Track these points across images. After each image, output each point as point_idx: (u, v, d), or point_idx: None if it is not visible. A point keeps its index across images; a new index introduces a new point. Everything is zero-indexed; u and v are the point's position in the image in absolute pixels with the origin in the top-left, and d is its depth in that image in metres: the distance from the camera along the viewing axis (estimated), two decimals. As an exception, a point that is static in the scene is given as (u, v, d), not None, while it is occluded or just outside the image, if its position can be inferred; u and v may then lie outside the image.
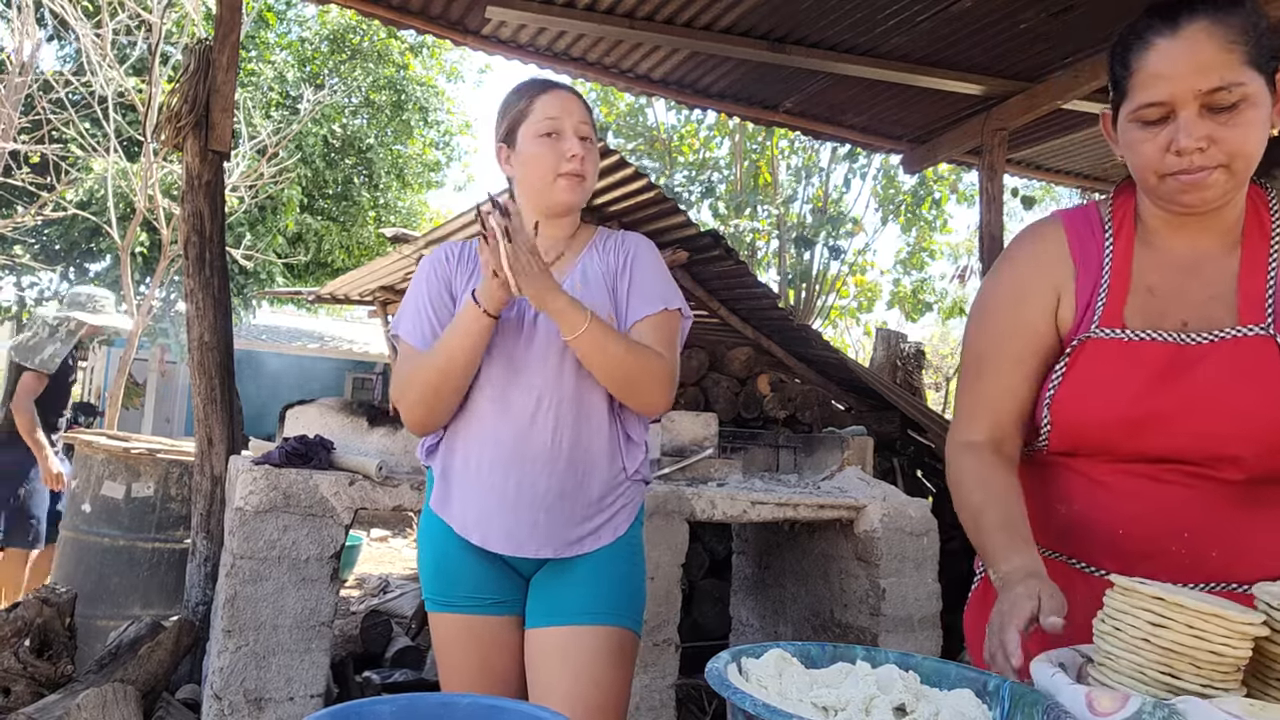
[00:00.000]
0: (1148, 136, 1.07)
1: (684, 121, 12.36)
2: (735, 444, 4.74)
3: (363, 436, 2.94)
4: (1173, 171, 1.05)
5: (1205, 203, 1.07)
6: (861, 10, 3.83)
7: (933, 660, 0.97)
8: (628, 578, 1.61)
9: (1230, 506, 1.10)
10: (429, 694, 0.92)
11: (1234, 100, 1.01)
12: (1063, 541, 1.19)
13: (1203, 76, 1.01)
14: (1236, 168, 1.04)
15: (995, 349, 1.21)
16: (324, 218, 13.08)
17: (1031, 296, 1.19)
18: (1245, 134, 1.02)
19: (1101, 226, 1.19)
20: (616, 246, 1.69)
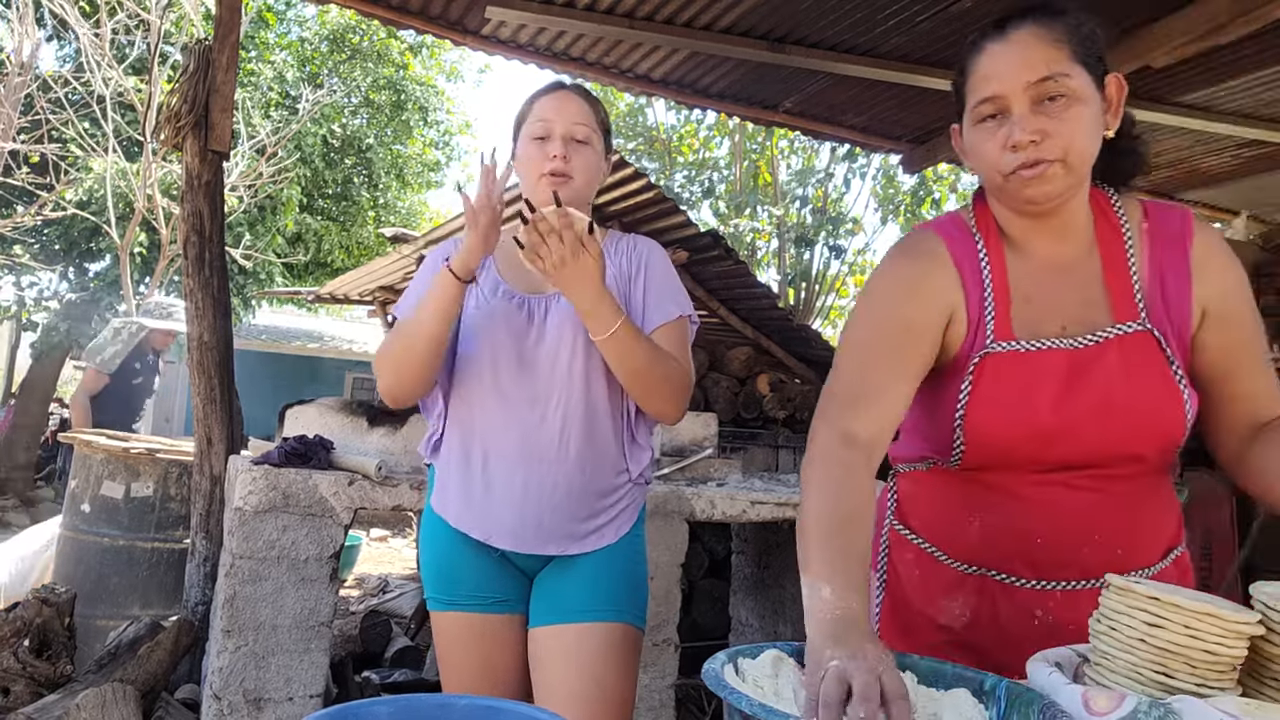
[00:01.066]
0: (987, 136, 1.12)
1: (684, 121, 12.36)
2: (735, 444, 4.74)
3: (362, 436, 2.94)
4: (1014, 168, 1.09)
5: (1048, 197, 1.11)
6: (861, 10, 3.83)
7: (930, 660, 0.97)
8: (630, 575, 1.61)
9: (1131, 503, 1.16)
10: (427, 694, 0.92)
11: (1062, 91, 1.07)
12: (980, 555, 1.19)
13: (1030, 69, 1.07)
14: (1072, 162, 1.08)
15: (878, 356, 1.17)
16: (324, 218, 13.07)
17: (926, 314, 1.17)
18: (1075, 127, 1.07)
19: (972, 237, 1.21)
20: (629, 250, 1.68)
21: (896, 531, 1.31)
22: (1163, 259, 1.16)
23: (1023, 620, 1.16)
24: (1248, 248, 3.97)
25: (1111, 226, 1.19)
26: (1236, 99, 4.50)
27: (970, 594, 1.19)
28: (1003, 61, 1.10)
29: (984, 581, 1.19)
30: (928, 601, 1.23)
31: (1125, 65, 3.83)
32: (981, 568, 1.19)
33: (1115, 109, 1.15)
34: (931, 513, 1.26)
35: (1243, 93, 4.43)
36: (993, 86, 1.10)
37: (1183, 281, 1.15)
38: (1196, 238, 1.17)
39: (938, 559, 1.23)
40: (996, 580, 1.18)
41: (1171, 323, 1.15)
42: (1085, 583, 1.15)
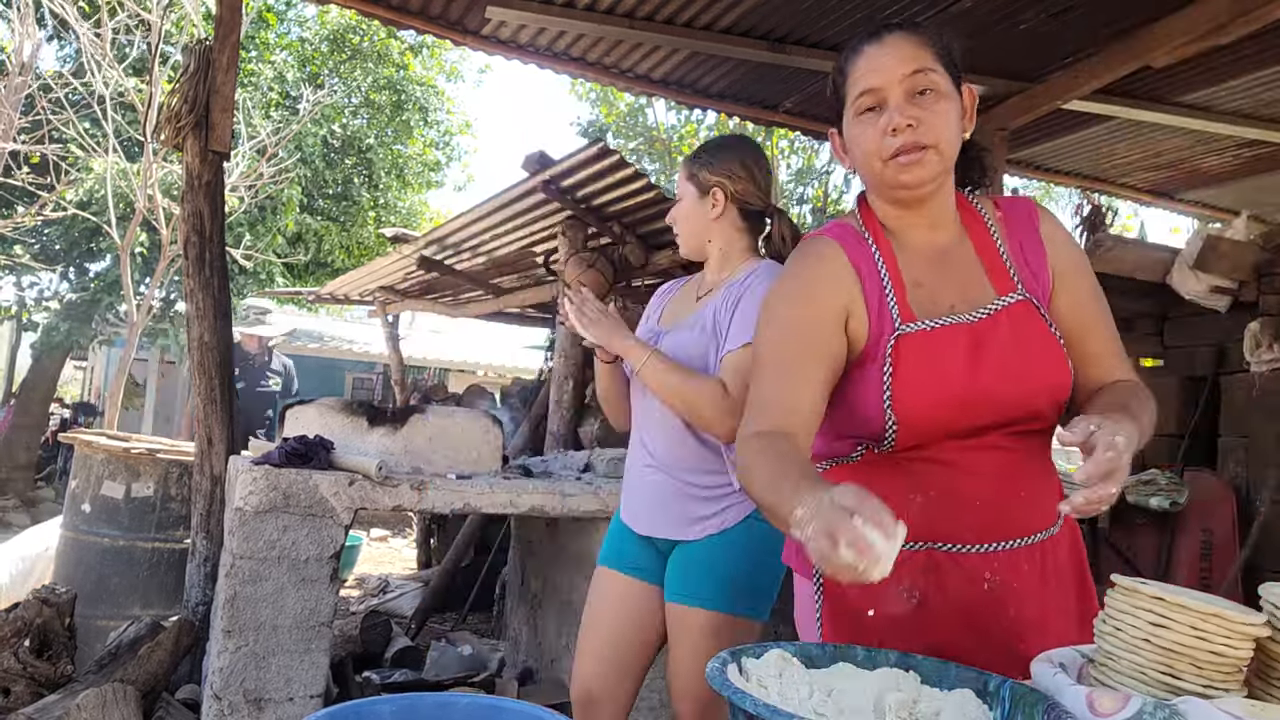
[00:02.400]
0: (867, 126, 1.24)
1: (684, 121, 12.37)
2: (735, 444, 4.73)
3: (362, 436, 2.93)
4: (892, 153, 1.22)
5: (921, 181, 1.23)
6: (861, 10, 3.83)
7: (933, 660, 0.97)
8: (729, 566, 1.82)
9: (1037, 461, 1.28)
10: (429, 694, 0.92)
11: (930, 85, 1.22)
12: (925, 530, 1.24)
13: (903, 64, 1.22)
14: (943, 149, 1.22)
15: (788, 364, 1.25)
16: (324, 218, 13.07)
17: (826, 310, 1.27)
18: (944, 119, 1.22)
19: (861, 236, 1.32)
20: (744, 278, 1.90)
21: None
22: (1020, 238, 1.32)
23: (974, 587, 1.22)
24: (1248, 248, 3.97)
25: (973, 216, 1.34)
26: (1236, 99, 4.50)
27: (916, 573, 1.24)
28: (879, 59, 1.24)
29: (931, 556, 1.24)
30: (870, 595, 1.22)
31: (1125, 65, 3.83)
32: (927, 542, 1.24)
33: (970, 115, 1.29)
34: None
35: (1243, 93, 4.43)
36: (871, 80, 1.24)
37: (1038, 253, 1.31)
38: (1043, 219, 1.34)
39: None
40: (944, 551, 1.24)
41: (1040, 289, 1.29)
42: (1020, 541, 1.24)
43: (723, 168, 1.93)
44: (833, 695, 0.90)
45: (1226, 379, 4.09)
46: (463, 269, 6.15)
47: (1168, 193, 6.12)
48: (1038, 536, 1.25)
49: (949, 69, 1.25)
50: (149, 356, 14.76)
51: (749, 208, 1.96)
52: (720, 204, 1.94)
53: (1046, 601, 1.25)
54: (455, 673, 3.54)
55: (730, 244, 1.97)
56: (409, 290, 7.57)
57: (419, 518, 7.08)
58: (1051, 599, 1.26)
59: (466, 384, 9.63)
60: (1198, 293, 4.09)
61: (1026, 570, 1.24)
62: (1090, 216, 6.72)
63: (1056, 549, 1.28)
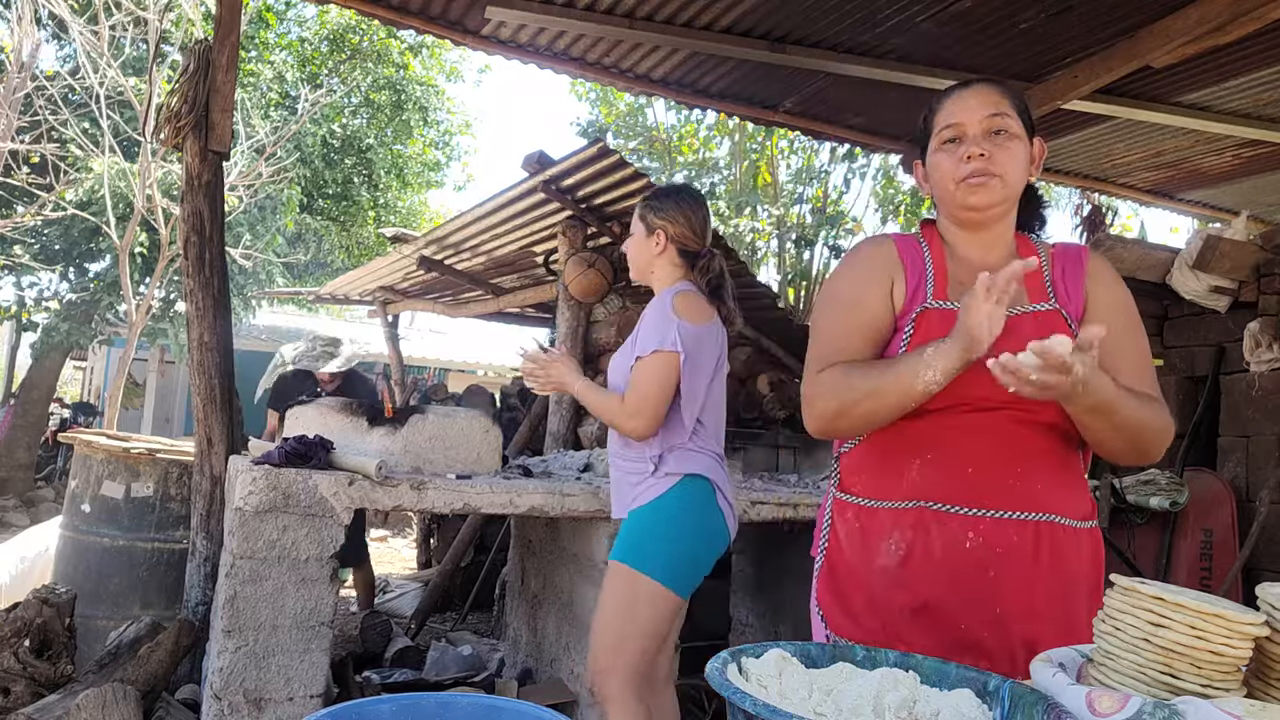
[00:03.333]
0: (947, 154, 1.45)
1: (684, 121, 12.35)
2: (735, 444, 4.74)
3: (362, 436, 2.93)
4: (965, 176, 1.41)
5: (988, 203, 1.42)
6: (861, 10, 3.83)
7: (933, 660, 0.97)
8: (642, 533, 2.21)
9: (1047, 456, 1.38)
10: (429, 694, 0.92)
11: (1006, 128, 1.42)
12: (919, 490, 1.39)
13: (985, 107, 1.43)
14: (1008, 180, 1.41)
15: (841, 323, 1.47)
16: (324, 218, 13.07)
17: (871, 282, 1.48)
18: (1013, 156, 1.42)
19: (919, 243, 1.53)
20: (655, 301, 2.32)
21: (839, 499, 1.53)
22: (1064, 266, 1.49)
23: (956, 546, 1.35)
24: (1248, 248, 3.97)
25: (1029, 247, 1.52)
26: (1236, 99, 4.50)
27: (906, 529, 1.39)
28: (965, 100, 1.45)
29: (921, 513, 1.38)
30: (866, 549, 1.44)
31: (1125, 65, 3.83)
32: (919, 500, 1.39)
33: (1038, 164, 1.49)
34: (874, 470, 1.48)
35: (1243, 93, 4.42)
36: (957, 116, 1.44)
37: (1078, 280, 1.47)
38: (1092, 258, 1.51)
39: (876, 508, 1.45)
40: (932, 510, 1.38)
41: (1073, 308, 1.44)
42: (1010, 514, 1.36)
43: (666, 214, 2.34)
44: (832, 695, 0.90)
45: (1226, 379, 4.09)
46: (463, 269, 6.15)
47: (1168, 193, 6.12)
48: (1036, 515, 1.35)
49: (1024, 119, 1.45)
50: (149, 356, 14.76)
51: (685, 248, 2.35)
52: (662, 243, 2.34)
53: (1036, 578, 1.34)
54: (455, 673, 3.54)
55: (666, 275, 2.36)
56: (409, 290, 7.56)
57: (419, 518, 7.08)
58: (1043, 578, 1.34)
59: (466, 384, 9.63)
60: (1198, 293, 4.09)
61: (1016, 541, 1.34)
62: (1090, 216, 6.72)
63: (1065, 540, 1.37)
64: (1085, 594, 1.38)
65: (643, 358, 2.20)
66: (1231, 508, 3.89)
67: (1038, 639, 1.31)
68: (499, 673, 3.59)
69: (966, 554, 1.34)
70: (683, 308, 2.23)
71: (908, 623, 1.37)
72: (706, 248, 2.37)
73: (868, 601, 1.42)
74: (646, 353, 2.20)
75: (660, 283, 2.37)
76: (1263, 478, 3.83)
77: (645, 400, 2.18)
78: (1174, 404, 4.26)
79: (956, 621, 1.34)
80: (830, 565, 1.51)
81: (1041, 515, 1.35)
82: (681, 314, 2.22)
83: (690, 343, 2.20)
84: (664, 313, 2.23)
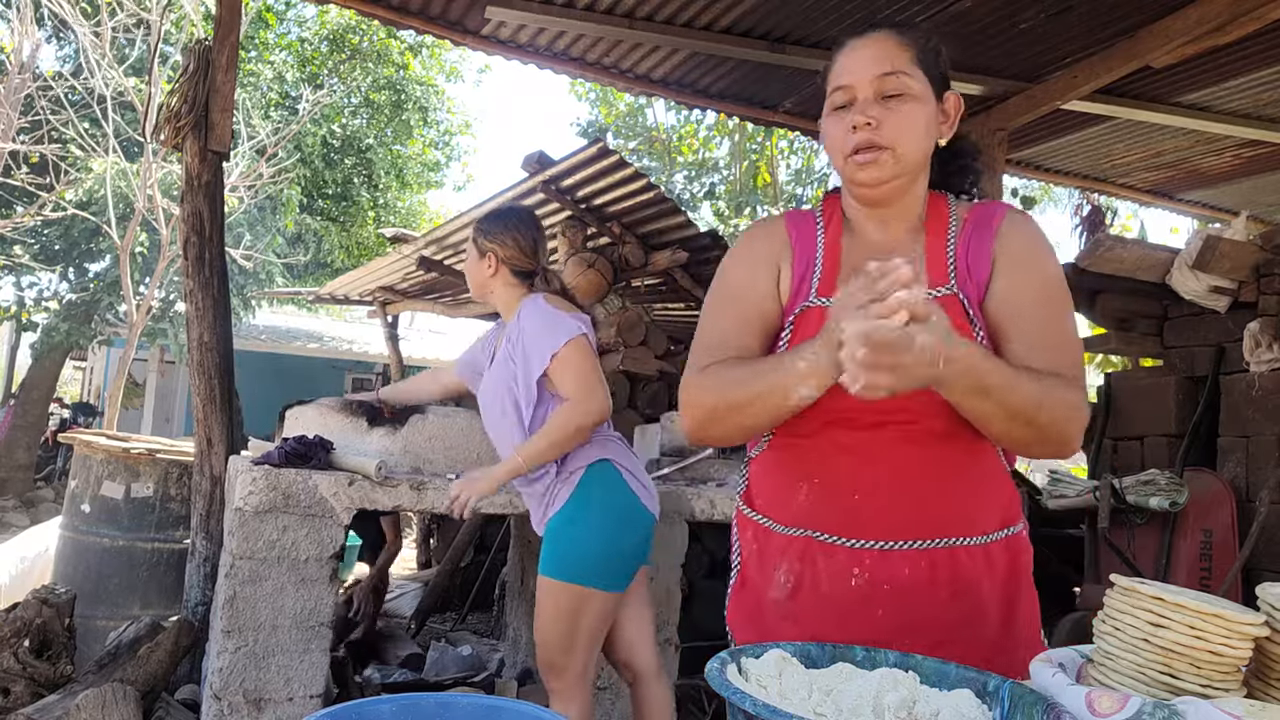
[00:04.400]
0: (836, 122, 1.25)
1: (684, 121, 12.37)
2: (735, 444, 4.72)
3: (362, 436, 2.93)
4: (852, 149, 1.22)
5: (876, 180, 1.23)
6: (861, 10, 3.83)
7: (933, 661, 0.97)
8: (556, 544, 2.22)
9: (945, 469, 1.22)
10: (429, 694, 0.92)
11: (901, 89, 1.21)
12: (805, 518, 1.26)
13: (877, 64, 1.23)
14: (901, 152, 1.21)
15: (724, 315, 1.32)
16: (324, 218, 13.07)
17: (757, 269, 1.32)
18: (908, 122, 1.21)
19: (815, 222, 1.35)
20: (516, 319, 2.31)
21: (741, 513, 1.40)
22: (973, 234, 1.28)
23: (841, 581, 1.22)
24: (1248, 248, 3.97)
25: (941, 216, 1.31)
26: (1236, 99, 4.50)
27: (794, 559, 1.26)
28: (856, 57, 1.25)
29: (808, 544, 1.25)
30: (762, 574, 1.31)
31: (1125, 65, 3.83)
32: (806, 529, 1.26)
33: (951, 122, 1.29)
34: (770, 486, 1.34)
35: (1243, 93, 4.43)
36: (845, 78, 1.24)
37: (985, 247, 1.26)
38: (1008, 219, 1.29)
39: (771, 530, 1.31)
40: (819, 541, 1.24)
41: (974, 285, 1.25)
42: (897, 544, 1.20)
43: (495, 238, 2.36)
44: (832, 695, 0.90)
45: (1226, 379, 4.09)
46: (462, 269, 6.15)
47: (1168, 193, 6.12)
48: (930, 543, 1.20)
49: (930, 73, 1.25)
50: (149, 356, 14.76)
51: (518, 269, 2.38)
52: (494, 265, 2.37)
53: (932, 612, 1.19)
54: (455, 673, 3.54)
55: (506, 295, 2.40)
56: (409, 290, 7.57)
57: (419, 518, 7.08)
58: (940, 611, 1.19)
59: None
60: (1198, 293, 4.09)
61: (908, 574, 1.19)
62: (1090, 216, 6.72)
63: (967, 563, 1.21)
64: (996, 614, 1.23)
65: (557, 354, 2.21)
66: (1231, 508, 3.89)
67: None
68: (499, 673, 3.59)
69: (852, 591, 1.20)
70: (558, 304, 2.30)
71: None
72: (540, 266, 2.42)
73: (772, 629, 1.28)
74: (558, 349, 2.20)
75: (503, 302, 2.41)
76: (1263, 478, 3.83)
77: (587, 381, 2.20)
78: (1174, 404, 4.26)
79: None
80: (742, 582, 1.37)
81: (938, 541, 1.20)
82: (560, 308, 2.29)
83: (584, 325, 2.27)
84: (546, 312, 2.26)
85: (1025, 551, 1.28)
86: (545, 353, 2.21)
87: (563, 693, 2.24)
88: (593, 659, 2.27)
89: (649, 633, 2.42)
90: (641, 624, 2.39)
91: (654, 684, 2.39)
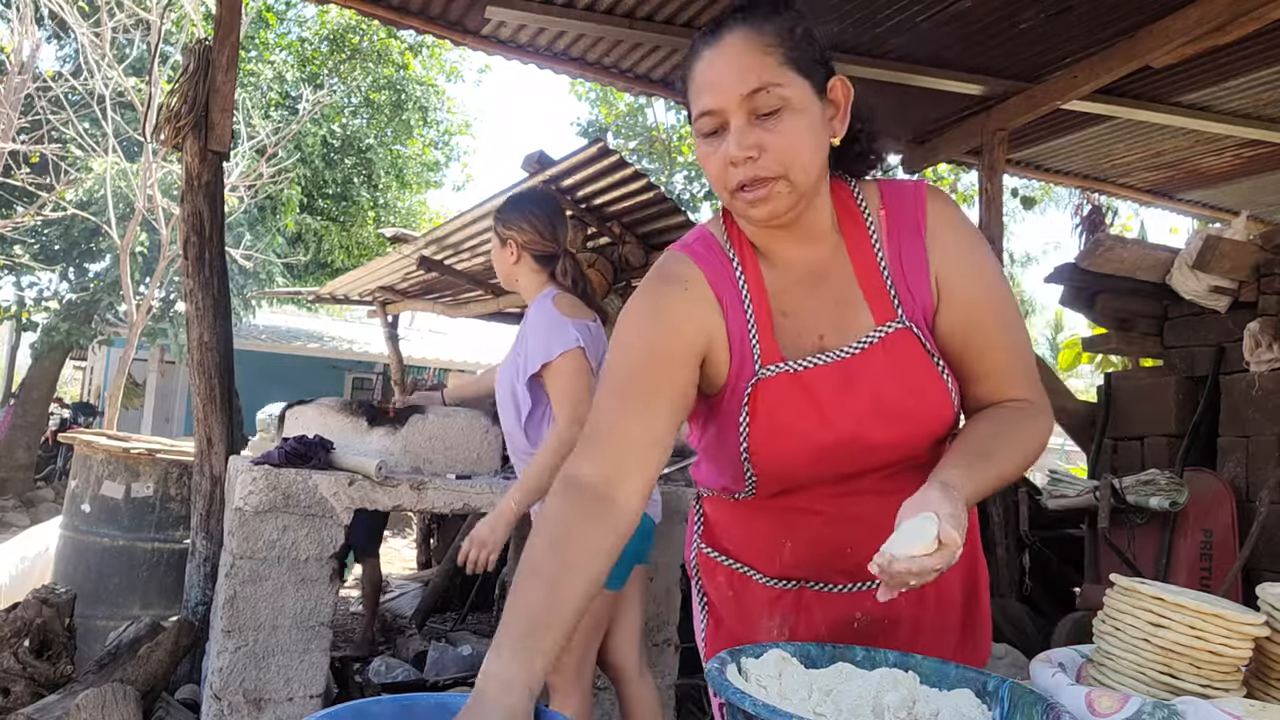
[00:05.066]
0: (711, 151, 1.06)
1: (684, 121, 12.36)
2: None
3: (362, 436, 2.93)
4: (736, 185, 1.04)
5: (773, 215, 1.06)
6: (861, 10, 3.83)
7: (932, 660, 0.97)
8: None
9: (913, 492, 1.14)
10: (429, 694, 0.92)
11: (775, 104, 1.02)
12: (796, 571, 1.19)
13: (742, 80, 1.01)
14: (795, 178, 1.03)
15: (631, 381, 1.11)
16: (324, 218, 13.08)
17: (676, 341, 1.11)
18: (793, 140, 1.02)
19: (726, 255, 1.16)
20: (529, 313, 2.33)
21: (705, 555, 1.29)
22: (901, 243, 1.13)
23: (843, 625, 1.16)
24: (1248, 248, 3.97)
25: (854, 220, 1.15)
26: (1236, 99, 4.50)
27: (787, 609, 1.19)
28: (715, 71, 1.04)
29: (800, 593, 1.18)
30: (744, 620, 1.22)
31: (1125, 65, 3.83)
32: (799, 581, 1.18)
33: (842, 114, 1.10)
34: (743, 538, 1.23)
35: (1242, 93, 4.43)
36: (708, 100, 1.04)
37: (920, 262, 1.12)
38: (930, 211, 1.13)
39: (751, 578, 1.22)
40: (813, 590, 1.17)
41: (920, 307, 1.12)
42: None
43: (513, 224, 2.35)
44: (831, 695, 0.90)
45: (1226, 379, 4.09)
46: (463, 269, 6.15)
47: (1167, 193, 6.12)
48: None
49: (805, 69, 1.04)
50: (149, 356, 14.77)
51: (539, 253, 2.36)
52: (516, 253, 2.36)
53: (922, 624, 1.17)
54: (455, 673, 3.54)
55: (529, 282, 2.39)
56: (409, 290, 7.57)
57: (419, 518, 7.08)
58: (930, 620, 1.18)
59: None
60: (1198, 293, 4.09)
61: (904, 604, 1.09)
62: (1090, 216, 6.72)
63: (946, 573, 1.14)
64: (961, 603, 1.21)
65: (550, 363, 2.20)
66: (1231, 508, 3.88)
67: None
68: (499, 673, 3.59)
69: (855, 634, 1.15)
70: (565, 307, 2.28)
71: None
72: (560, 248, 2.39)
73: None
74: (552, 358, 2.20)
75: (526, 290, 2.41)
76: (1263, 478, 3.83)
77: (574, 398, 2.18)
78: (1174, 404, 4.26)
79: None
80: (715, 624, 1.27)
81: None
82: (566, 313, 2.27)
83: (584, 336, 2.25)
84: (551, 316, 2.25)
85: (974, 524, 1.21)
86: (538, 358, 2.22)
87: (561, 688, 2.25)
88: (590, 655, 2.28)
89: (636, 633, 2.42)
90: (630, 624, 2.40)
91: (637, 683, 2.40)
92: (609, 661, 2.40)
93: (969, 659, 1.19)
